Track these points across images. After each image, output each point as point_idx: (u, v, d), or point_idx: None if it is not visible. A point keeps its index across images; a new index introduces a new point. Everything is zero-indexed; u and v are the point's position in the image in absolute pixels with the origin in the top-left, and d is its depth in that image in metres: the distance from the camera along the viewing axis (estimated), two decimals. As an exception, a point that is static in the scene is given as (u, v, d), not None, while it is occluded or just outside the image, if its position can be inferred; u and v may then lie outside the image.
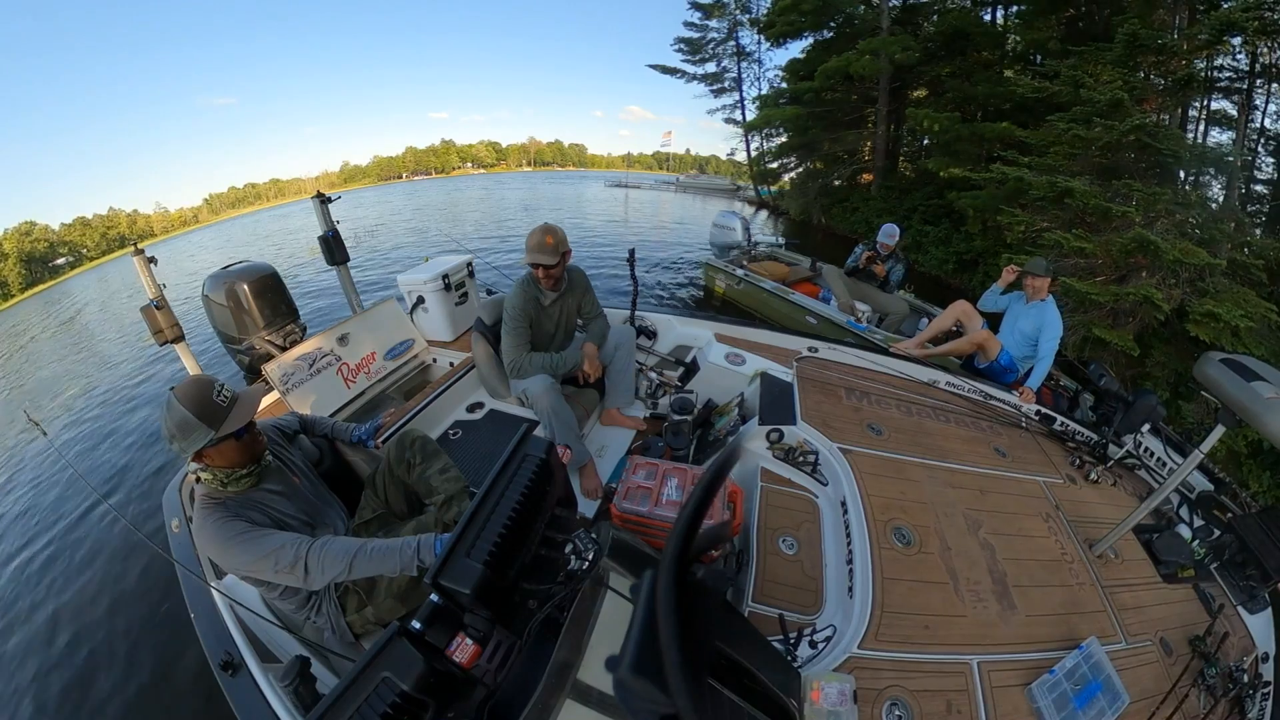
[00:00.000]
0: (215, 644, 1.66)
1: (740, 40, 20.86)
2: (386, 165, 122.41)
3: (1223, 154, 7.43)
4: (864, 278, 5.60)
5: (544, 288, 2.71)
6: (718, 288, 7.68)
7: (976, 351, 3.87)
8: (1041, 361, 3.44)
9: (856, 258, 5.54)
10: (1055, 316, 3.55)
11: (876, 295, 5.60)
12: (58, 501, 5.26)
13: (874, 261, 5.43)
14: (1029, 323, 3.66)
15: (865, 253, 5.48)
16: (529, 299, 2.71)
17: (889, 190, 14.59)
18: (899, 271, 5.53)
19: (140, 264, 2.84)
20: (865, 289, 5.63)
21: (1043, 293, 3.62)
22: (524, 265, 2.66)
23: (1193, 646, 1.67)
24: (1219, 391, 1.58)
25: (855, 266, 5.56)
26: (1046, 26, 10.54)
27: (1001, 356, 3.76)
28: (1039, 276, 3.58)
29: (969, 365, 4.02)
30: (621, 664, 0.41)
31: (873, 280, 5.57)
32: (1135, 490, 2.39)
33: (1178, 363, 6.08)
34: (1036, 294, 3.64)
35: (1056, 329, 3.52)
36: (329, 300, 9.56)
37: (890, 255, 5.44)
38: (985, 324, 3.95)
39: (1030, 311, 3.67)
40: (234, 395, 1.49)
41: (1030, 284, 3.65)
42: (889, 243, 5.34)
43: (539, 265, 2.58)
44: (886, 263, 5.44)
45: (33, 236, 62.27)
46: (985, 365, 3.85)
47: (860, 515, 1.74)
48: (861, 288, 5.64)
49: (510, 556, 1.11)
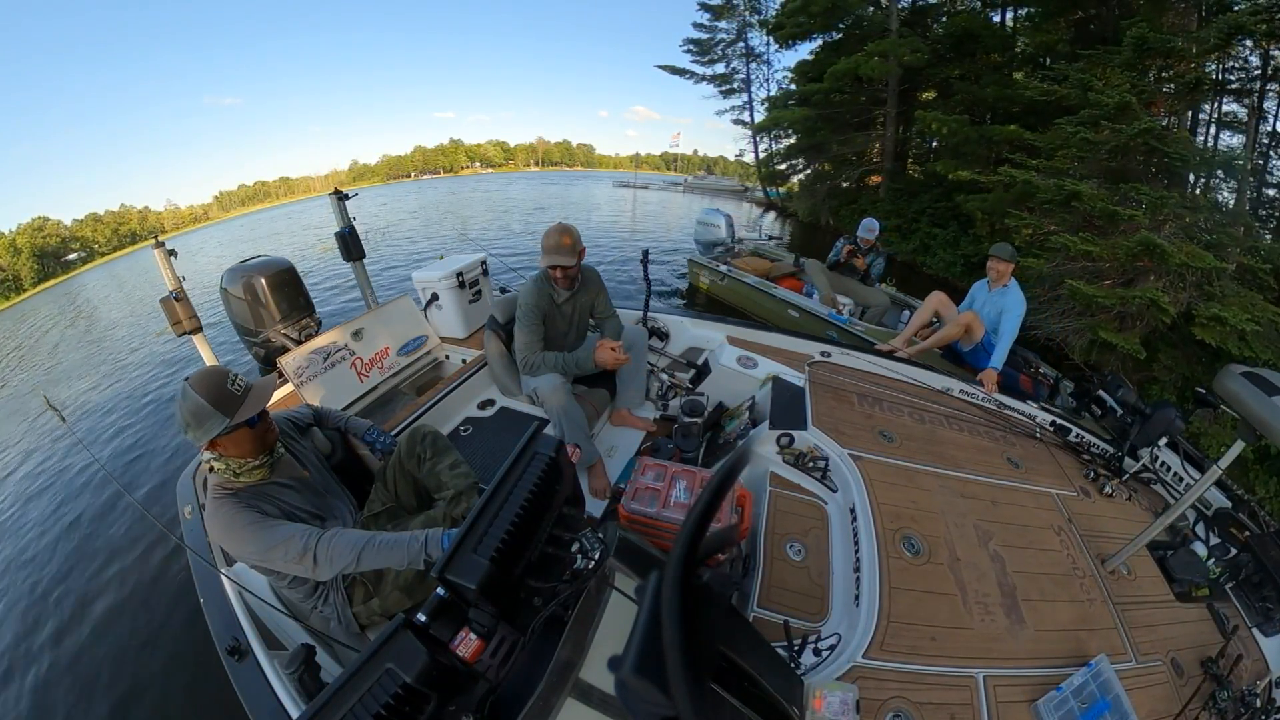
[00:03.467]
0: (223, 629, 1.68)
1: (749, 41, 20.94)
2: (395, 164, 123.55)
3: (1232, 157, 7.34)
4: (845, 272, 5.64)
5: (560, 286, 2.71)
6: (702, 284, 7.71)
7: (959, 337, 3.92)
8: (1003, 339, 3.49)
9: (838, 252, 5.57)
10: (1018, 298, 3.62)
11: (858, 288, 5.65)
12: (74, 484, 5.38)
13: (855, 255, 5.48)
14: (992, 307, 3.71)
15: (846, 247, 5.51)
16: (543, 296, 2.71)
17: (897, 192, 14.44)
18: (880, 265, 5.59)
19: (160, 256, 2.88)
20: (847, 283, 5.68)
21: (1005, 278, 3.69)
22: (541, 267, 2.66)
23: (1205, 668, 1.64)
24: (1240, 406, 1.54)
25: (837, 261, 5.60)
26: (1055, 29, 10.42)
27: (985, 340, 3.82)
28: (1003, 260, 3.65)
29: (949, 352, 4.07)
30: (624, 664, 0.41)
31: (854, 274, 5.62)
32: (1150, 505, 2.36)
33: (1185, 367, 6.03)
34: (1000, 279, 3.70)
35: (1019, 309, 3.58)
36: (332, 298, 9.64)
37: (871, 249, 5.50)
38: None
39: (994, 297, 3.73)
40: (248, 385, 1.50)
41: (994, 268, 3.70)
42: (869, 237, 5.41)
43: (557, 267, 2.59)
44: (867, 256, 5.50)
45: (45, 232, 63.43)
46: (969, 349, 3.89)
47: (869, 523, 1.72)
48: (843, 281, 5.69)
49: (517, 553, 1.12)
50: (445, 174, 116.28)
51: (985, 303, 3.81)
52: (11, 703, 3.10)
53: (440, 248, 14.42)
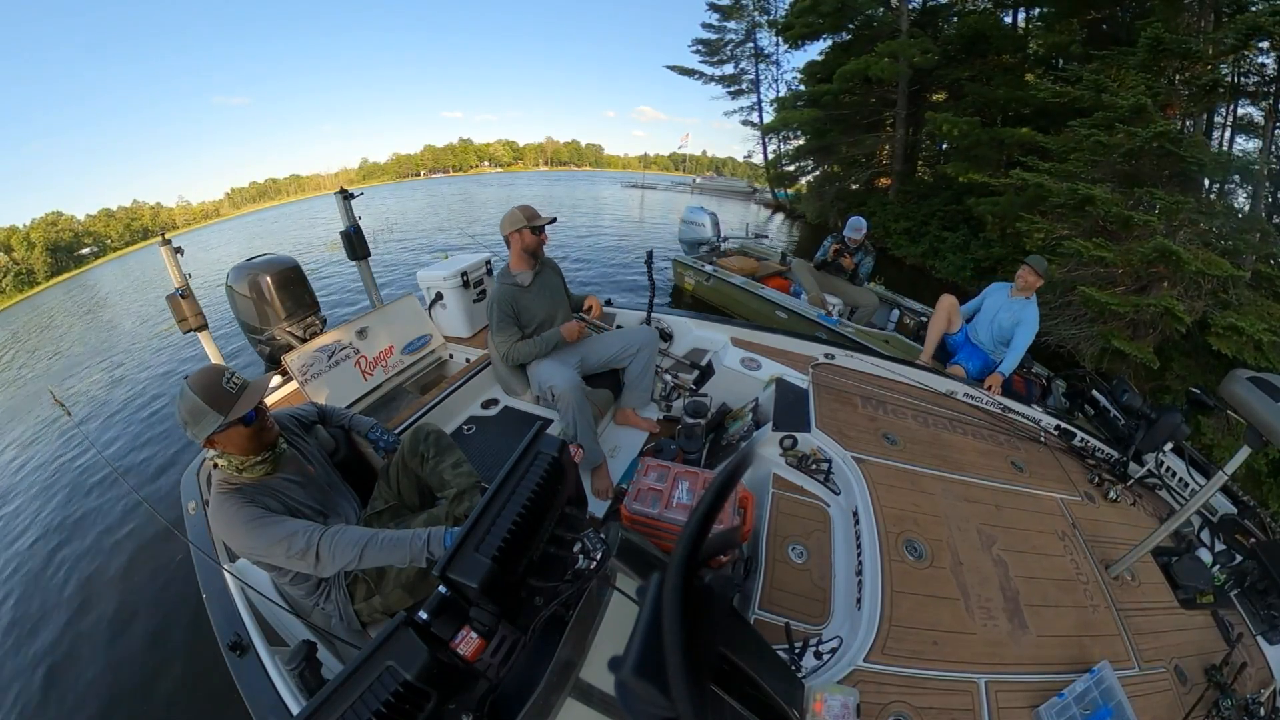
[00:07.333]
0: (225, 624, 1.69)
1: (758, 42, 20.84)
2: (405, 163, 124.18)
3: (1248, 162, 7.21)
4: (833, 271, 5.54)
5: (524, 268, 2.79)
6: (686, 284, 7.55)
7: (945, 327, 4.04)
8: (1014, 352, 3.55)
9: (825, 251, 5.48)
10: (1035, 314, 3.65)
11: (846, 288, 5.55)
12: (81, 480, 5.41)
13: (842, 254, 5.38)
14: (1009, 315, 3.71)
15: (833, 245, 5.42)
16: (507, 290, 2.75)
17: (907, 195, 14.37)
18: (868, 264, 5.50)
19: (167, 254, 2.90)
20: (835, 282, 5.58)
21: (1031, 290, 3.70)
22: (517, 239, 2.73)
23: (1208, 676, 1.63)
24: (1246, 411, 1.53)
25: (824, 260, 5.51)
26: (1068, 30, 10.28)
27: (958, 335, 3.94)
28: (1035, 273, 3.65)
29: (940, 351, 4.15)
30: (624, 665, 0.41)
31: (841, 273, 5.51)
32: (1155, 511, 2.34)
33: (1199, 377, 5.94)
34: (1026, 289, 3.70)
35: (1034, 325, 3.62)
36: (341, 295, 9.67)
37: (859, 248, 5.39)
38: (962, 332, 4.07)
39: (1013, 305, 3.72)
40: (243, 382, 1.52)
41: (1025, 277, 3.69)
42: (857, 236, 5.30)
43: (540, 228, 2.71)
44: (855, 255, 5.40)
45: (59, 227, 64.11)
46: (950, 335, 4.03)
47: (872, 526, 1.72)
48: (831, 281, 5.59)
49: (519, 553, 1.12)
50: (455, 173, 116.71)
51: (1003, 308, 3.78)
52: (13, 698, 3.12)
53: (446, 247, 14.47)
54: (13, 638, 3.55)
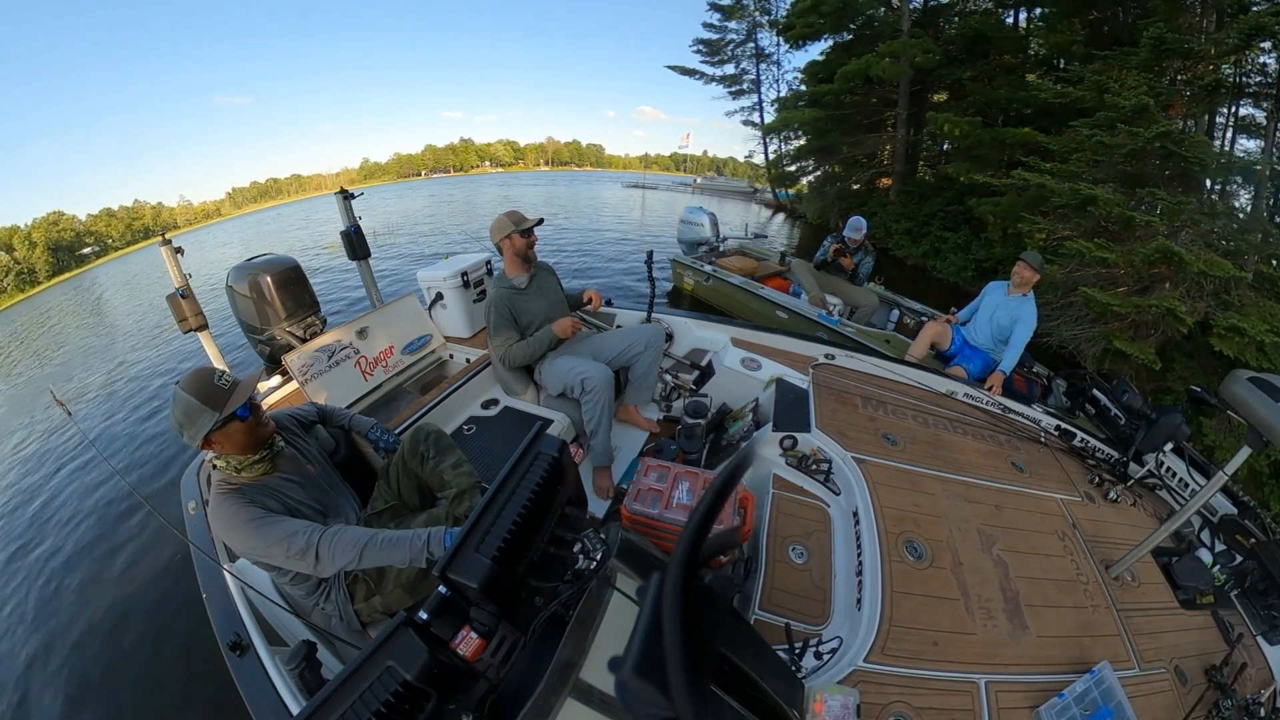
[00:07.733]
0: (225, 624, 1.69)
1: (759, 42, 20.81)
2: (406, 163, 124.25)
3: (1251, 162, 7.22)
4: (833, 270, 5.53)
5: (518, 270, 2.82)
6: (685, 285, 7.51)
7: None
8: (1013, 349, 3.56)
9: (824, 251, 5.46)
10: (1033, 311, 3.65)
11: (846, 288, 5.53)
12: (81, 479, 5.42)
13: (842, 254, 5.36)
14: (1007, 313, 3.72)
15: (833, 245, 5.40)
16: (504, 293, 2.78)
17: (908, 195, 14.36)
18: (868, 264, 5.49)
19: (167, 254, 2.90)
20: (835, 282, 5.56)
21: (1028, 286, 3.71)
22: (507, 245, 2.78)
23: (1209, 676, 1.63)
24: (1246, 411, 1.52)
25: (824, 260, 5.49)
26: (1070, 30, 10.28)
27: (954, 339, 3.97)
28: (1031, 268, 3.66)
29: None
30: (624, 665, 0.41)
31: (841, 273, 5.49)
32: (1155, 511, 2.34)
33: (1201, 378, 5.93)
34: (1022, 286, 3.71)
35: (1032, 322, 3.63)
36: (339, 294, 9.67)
37: (859, 248, 5.38)
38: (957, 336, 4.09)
39: (1011, 303, 3.74)
40: (234, 380, 1.53)
41: (1021, 273, 3.70)
42: (856, 236, 5.29)
43: (529, 231, 2.76)
44: (855, 255, 5.38)
45: (60, 226, 64.13)
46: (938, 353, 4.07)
47: (872, 526, 1.72)
48: (831, 281, 5.57)
49: (519, 553, 1.12)
50: (456, 173, 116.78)
51: (1000, 306, 3.80)
52: (13, 698, 3.12)
53: (447, 247, 14.47)
54: (13, 638, 3.55)
